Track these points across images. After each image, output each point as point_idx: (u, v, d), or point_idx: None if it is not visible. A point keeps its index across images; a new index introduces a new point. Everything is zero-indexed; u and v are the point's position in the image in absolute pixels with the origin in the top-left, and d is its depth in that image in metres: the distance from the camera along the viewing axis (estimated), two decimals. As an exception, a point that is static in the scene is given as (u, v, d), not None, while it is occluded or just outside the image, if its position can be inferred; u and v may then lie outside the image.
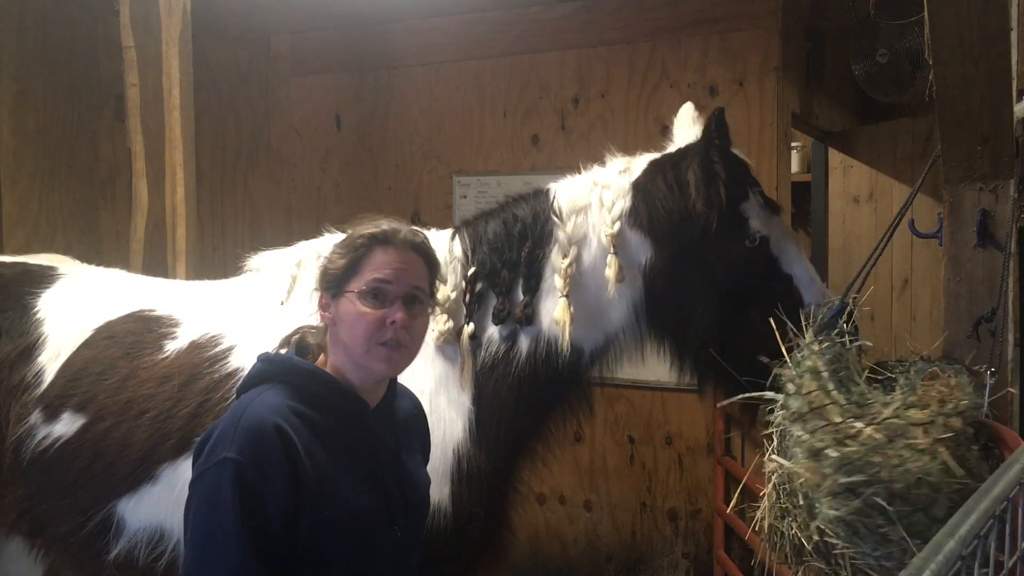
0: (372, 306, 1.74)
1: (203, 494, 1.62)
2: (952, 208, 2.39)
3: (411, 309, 1.77)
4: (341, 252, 1.82)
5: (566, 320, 2.36)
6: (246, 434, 1.62)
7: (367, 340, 1.74)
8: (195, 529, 1.62)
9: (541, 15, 4.82)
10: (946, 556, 1.11)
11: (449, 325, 2.42)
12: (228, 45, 5.28)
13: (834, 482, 1.77)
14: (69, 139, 4.38)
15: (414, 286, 1.79)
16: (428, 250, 1.87)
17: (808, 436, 1.85)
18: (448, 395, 2.39)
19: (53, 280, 2.76)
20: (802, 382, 1.97)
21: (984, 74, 2.19)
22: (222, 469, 1.60)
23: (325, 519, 1.66)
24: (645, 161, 2.54)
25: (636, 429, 4.64)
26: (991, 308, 2.28)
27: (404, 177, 5.26)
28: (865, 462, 1.76)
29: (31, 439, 2.46)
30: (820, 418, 1.87)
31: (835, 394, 1.91)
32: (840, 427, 1.83)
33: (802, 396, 1.93)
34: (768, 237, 2.38)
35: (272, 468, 1.61)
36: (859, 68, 4.80)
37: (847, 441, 1.80)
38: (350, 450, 1.76)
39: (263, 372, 1.80)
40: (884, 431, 1.80)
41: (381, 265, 1.77)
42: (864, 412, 1.86)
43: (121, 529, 2.37)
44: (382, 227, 1.82)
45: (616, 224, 2.40)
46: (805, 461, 1.83)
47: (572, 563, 4.80)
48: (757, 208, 2.40)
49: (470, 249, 2.49)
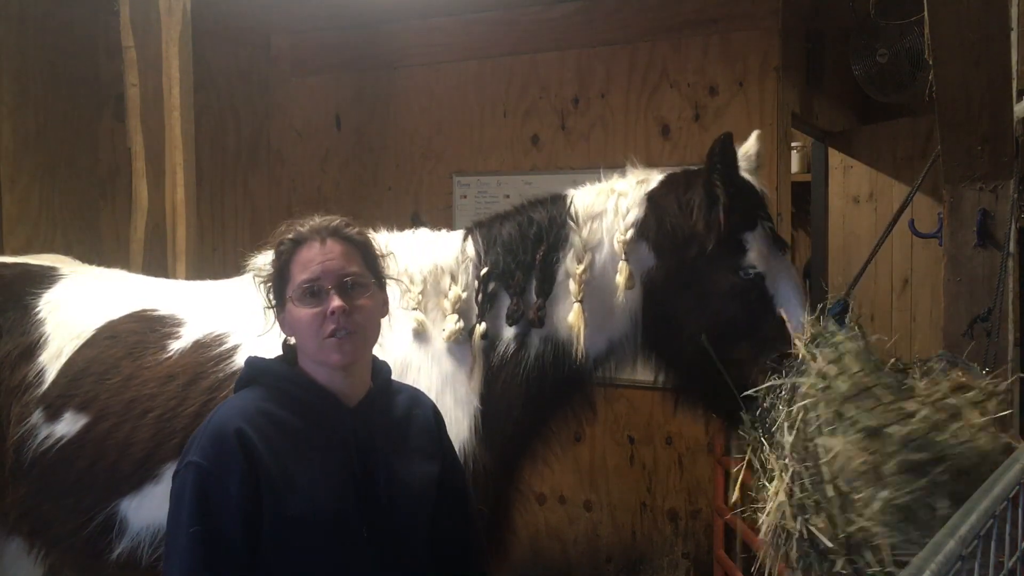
0: (310, 305, 1.77)
1: (172, 495, 1.72)
2: (952, 208, 2.39)
3: (349, 294, 1.79)
4: (271, 263, 1.87)
5: (580, 325, 2.39)
6: (208, 438, 1.71)
7: (314, 338, 1.77)
8: (167, 527, 1.73)
9: (541, 15, 4.82)
10: (946, 556, 1.11)
11: (460, 325, 2.43)
12: (228, 45, 5.28)
13: (902, 460, 1.69)
14: (69, 139, 4.38)
15: (344, 273, 1.80)
16: (349, 233, 1.86)
17: (865, 415, 1.76)
18: (455, 394, 2.40)
19: (54, 280, 2.76)
20: (844, 363, 1.88)
21: (984, 74, 2.19)
22: (187, 472, 1.69)
23: (290, 516, 1.69)
24: (663, 174, 2.56)
25: (636, 429, 4.64)
26: (987, 308, 2.28)
27: (404, 177, 5.26)
28: (929, 440, 1.70)
29: (33, 439, 2.46)
30: (871, 398, 1.79)
31: (880, 376, 1.84)
32: (893, 407, 1.76)
33: (849, 376, 1.85)
34: (764, 274, 2.33)
35: (231, 470, 1.67)
36: (859, 68, 4.80)
37: (906, 420, 1.73)
38: (321, 448, 1.78)
39: (245, 375, 1.87)
40: (939, 411, 1.74)
41: (305, 264, 1.79)
42: (909, 395, 1.80)
43: (124, 528, 2.37)
44: (297, 227, 1.84)
45: (629, 232, 2.42)
46: (861, 441, 1.74)
47: (572, 563, 4.80)
48: (761, 241, 2.36)
49: (483, 250, 2.51)
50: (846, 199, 5.43)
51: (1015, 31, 2.23)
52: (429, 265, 2.51)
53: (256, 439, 1.70)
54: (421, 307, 2.47)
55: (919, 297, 4.90)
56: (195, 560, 1.64)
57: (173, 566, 1.67)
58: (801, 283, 2.44)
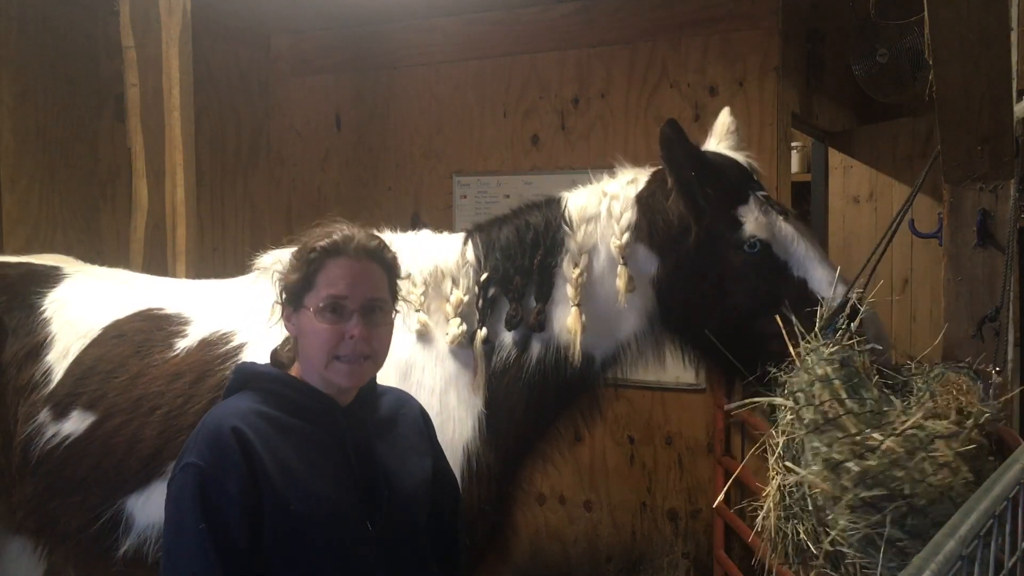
0: (330, 321, 1.75)
1: (171, 498, 1.70)
2: (952, 208, 2.38)
3: (370, 319, 1.77)
4: (295, 265, 1.82)
5: (577, 329, 2.39)
6: (205, 439, 1.70)
7: (327, 355, 1.76)
8: (166, 531, 1.71)
9: (541, 15, 4.82)
10: (946, 556, 1.11)
11: (462, 329, 2.44)
12: (228, 45, 5.28)
13: (854, 496, 1.72)
14: (69, 139, 4.38)
15: (371, 297, 1.78)
16: (384, 255, 1.84)
17: (825, 448, 1.79)
18: (458, 394, 2.41)
19: (59, 280, 2.76)
20: (813, 391, 1.89)
21: (984, 74, 2.19)
22: (185, 474, 1.67)
23: (292, 513, 1.69)
24: (651, 172, 2.55)
25: (636, 429, 4.64)
26: (994, 308, 2.27)
27: (404, 177, 5.26)
28: (886, 476, 1.71)
29: (40, 437, 2.46)
30: (836, 428, 1.80)
31: (849, 403, 1.84)
32: (857, 439, 1.77)
33: (815, 407, 1.86)
34: (769, 242, 2.31)
35: (230, 469, 1.66)
36: (859, 68, 4.80)
37: (866, 454, 1.74)
38: (319, 447, 1.78)
39: (234, 382, 1.86)
40: (904, 443, 1.74)
41: (335, 279, 1.76)
42: (881, 421, 1.80)
43: (131, 526, 2.38)
44: (333, 237, 1.79)
45: (625, 235, 2.42)
46: (822, 472, 1.77)
47: (572, 563, 4.81)
48: (757, 212, 2.34)
49: (483, 254, 2.51)
50: (846, 199, 5.43)
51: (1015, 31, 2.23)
52: (431, 267, 2.52)
53: (253, 437, 1.70)
54: (424, 308, 2.47)
55: (919, 297, 4.91)
56: (205, 558, 1.62)
57: (180, 567, 1.65)
58: (815, 240, 2.40)
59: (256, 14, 5.07)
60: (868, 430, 1.78)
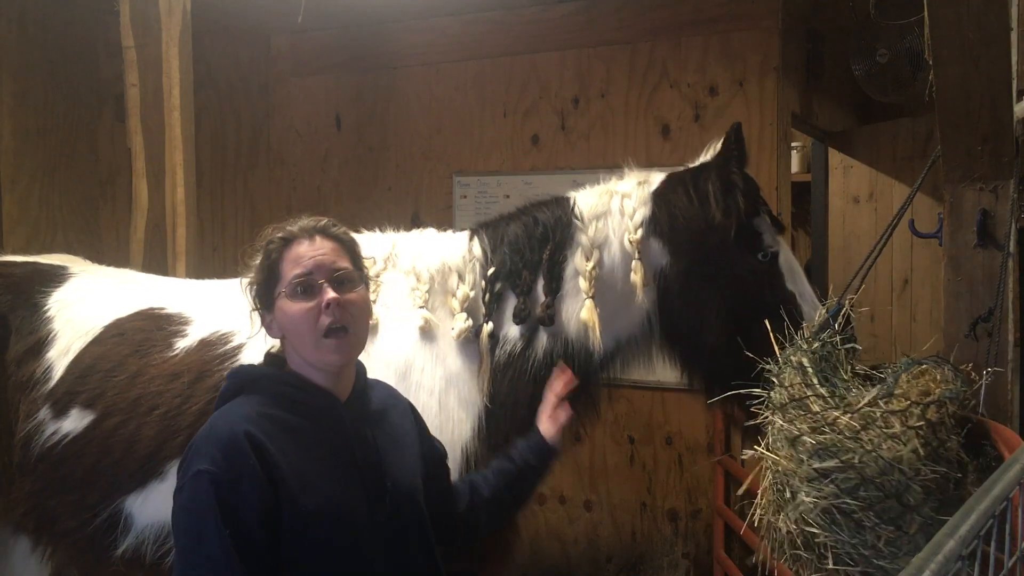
0: (303, 300, 1.79)
1: (184, 506, 1.68)
2: (952, 208, 2.38)
3: (341, 289, 1.81)
4: (258, 266, 1.87)
5: (594, 320, 2.42)
6: (217, 445, 1.68)
7: (311, 334, 1.78)
8: (180, 538, 1.69)
9: (541, 15, 4.82)
10: (946, 556, 1.11)
11: (469, 323, 2.45)
12: (228, 45, 5.28)
13: (808, 468, 1.82)
14: (69, 139, 4.38)
15: (336, 268, 1.82)
16: (337, 231, 1.89)
17: (787, 425, 1.92)
18: (458, 394, 2.42)
19: (64, 279, 2.77)
20: (784, 375, 2.04)
21: (984, 74, 2.19)
22: (198, 481, 1.65)
23: (306, 512, 1.70)
24: (663, 175, 2.62)
25: (636, 429, 4.64)
26: (988, 308, 2.28)
27: (404, 177, 5.26)
28: (839, 448, 1.81)
29: (40, 435, 2.47)
30: (801, 408, 1.93)
31: (818, 387, 1.97)
32: (818, 416, 1.89)
33: (784, 388, 2.01)
34: (778, 253, 2.48)
35: (245, 473, 1.66)
36: (859, 68, 4.80)
37: (824, 429, 1.86)
38: (325, 444, 1.80)
39: (232, 386, 1.86)
40: (860, 419, 1.84)
41: (297, 260, 1.81)
42: (845, 404, 1.92)
43: (129, 525, 2.38)
44: (284, 227, 1.86)
45: (639, 230, 2.46)
46: (783, 449, 1.90)
47: (572, 563, 4.81)
48: (766, 225, 2.50)
49: (489, 249, 2.53)
50: (846, 199, 5.43)
51: (1015, 31, 2.23)
52: (437, 263, 2.53)
53: (265, 441, 1.70)
54: (428, 305, 2.47)
55: (919, 297, 4.90)
56: (230, 564, 1.61)
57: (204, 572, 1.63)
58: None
59: (256, 14, 5.07)
60: (830, 409, 1.90)
